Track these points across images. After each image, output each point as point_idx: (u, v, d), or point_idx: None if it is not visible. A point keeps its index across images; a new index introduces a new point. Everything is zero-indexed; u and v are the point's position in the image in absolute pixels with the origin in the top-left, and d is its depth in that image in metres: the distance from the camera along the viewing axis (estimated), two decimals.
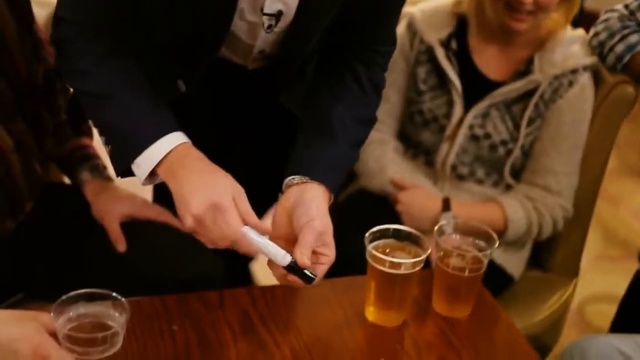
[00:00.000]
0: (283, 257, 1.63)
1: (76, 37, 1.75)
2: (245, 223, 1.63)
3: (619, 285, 2.56)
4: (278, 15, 1.81)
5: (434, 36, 2.45)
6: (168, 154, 1.68)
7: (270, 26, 1.83)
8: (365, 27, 1.88)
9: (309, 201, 1.71)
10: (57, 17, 1.77)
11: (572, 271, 2.69)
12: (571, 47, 2.41)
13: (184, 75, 1.93)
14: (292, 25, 1.83)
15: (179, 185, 1.66)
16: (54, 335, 1.50)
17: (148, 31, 1.85)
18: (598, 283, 3.61)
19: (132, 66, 1.77)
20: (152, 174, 1.70)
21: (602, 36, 2.45)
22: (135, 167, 1.71)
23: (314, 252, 1.67)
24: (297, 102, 2.03)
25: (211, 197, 1.61)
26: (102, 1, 1.75)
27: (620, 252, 3.96)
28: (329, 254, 1.68)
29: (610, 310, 2.56)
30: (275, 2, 1.78)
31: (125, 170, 1.74)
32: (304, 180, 1.75)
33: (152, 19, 1.83)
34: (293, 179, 1.76)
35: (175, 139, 1.69)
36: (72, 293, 1.55)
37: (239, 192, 1.65)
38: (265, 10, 1.79)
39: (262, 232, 1.66)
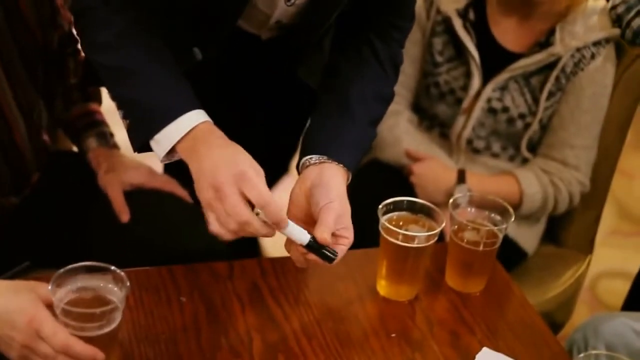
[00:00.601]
0: (303, 235, 1.61)
1: (98, 7, 1.72)
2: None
3: (632, 262, 2.54)
4: None
5: (452, 6, 2.41)
6: (189, 132, 1.65)
7: None
8: (385, 1, 1.86)
9: (328, 182, 1.70)
10: None
11: (587, 247, 2.67)
12: (593, 18, 2.37)
13: (201, 43, 1.92)
14: None
15: (199, 161, 1.62)
16: (51, 306, 1.48)
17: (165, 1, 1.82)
18: (610, 259, 3.59)
19: (154, 41, 1.74)
20: (171, 150, 1.67)
21: (620, 9, 2.42)
22: (154, 143, 1.69)
23: (333, 234, 1.65)
24: (313, 75, 2.03)
25: (235, 168, 1.56)
26: None
27: (634, 228, 3.94)
28: (348, 236, 1.67)
29: (622, 287, 2.55)
30: None
31: (143, 146, 1.72)
32: (322, 160, 1.74)
33: None
34: (310, 158, 1.75)
35: (197, 117, 1.66)
36: (71, 266, 1.52)
37: (260, 171, 1.61)
38: None
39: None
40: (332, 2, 1.82)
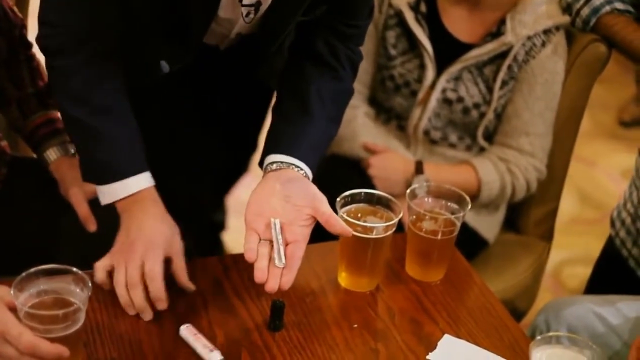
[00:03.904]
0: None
1: (64, 51, 1.78)
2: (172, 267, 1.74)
3: (594, 248, 2.56)
4: (257, 5, 1.83)
5: None
6: (132, 194, 1.77)
7: (249, 14, 1.85)
8: (343, 3, 1.88)
9: (300, 179, 1.78)
10: (41, 20, 1.79)
11: (547, 234, 2.70)
12: (542, 6, 2.40)
13: (169, 57, 1.95)
14: (268, 10, 1.85)
15: (129, 222, 1.76)
16: (14, 310, 1.48)
17: (134, 17, 1.85)
18: (573, 246, 3.63)
19: (117, 92, 1.81)
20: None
21: None
22: (100, 190, 1.81)
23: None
24: (274, 76, 2.05)
25: (128, 239, 1.72)
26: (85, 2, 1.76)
27: (595, 215, 3.98)
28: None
29: (585, 273, 2.57)
30: None
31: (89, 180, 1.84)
32: (282, 167, 1.80)
33: (137, 6, 1.84)
34: (272, 163, 1.81)
35: (142, 182, 1.78)
36: (32, 269, 1.53)
37: (174, 244, 1.74)
38: (245, 2, 1.81)
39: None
40: (286, 14, 1.85)
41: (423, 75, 2.43)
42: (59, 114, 2.22)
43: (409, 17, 2.41)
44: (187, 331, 1.67)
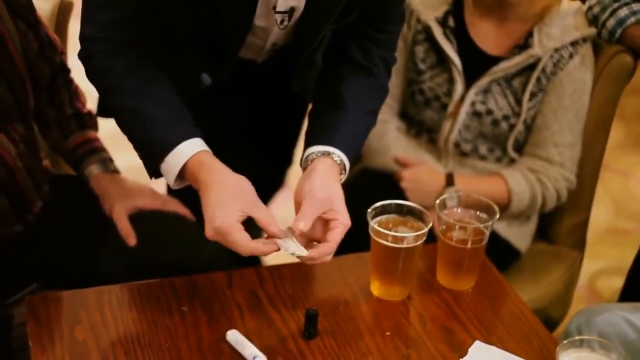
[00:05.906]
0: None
1: (99, 54, 1.81)
2: (266, 232, 1.70)
3: (629, 259, 2.56)
4: (290, 11, 1.86)
5: (431, 15, 2.45)
6: (187, 163, 1.74)
7: (282, 21, 1.88)
8: (374, 10, 1.92)
9: (314, 173, 1.78)
10: (82, 37, 1.83)
11: (579, 243, 2.70)
12: (569, 19, 2.41)
13: (209, 69, 1.99)
14: (302, 17, 1.88)
15: (202, 196, 1.72)
16: None
17: (172, 33, 1.91)
18: (608, 256, 3.62)
19: (153, 74, 1.82)
20: (182, 176, 1.76)
21: (595, 10, 2.46)
22: (163, 172, 1.78)
23: (325, 221, 1.74)
24: (308, 88, 2.09)
25: (214, 223, 1.67)
26: (122, 15, 1.80)
27: (631, 225, 3.97)
28: (339, 218, 1.73)
29: (620, 284, 2.58)
30: None
31: (157, 173, 1.81)
32: (315, 157, 1.82)
33: (174, 21, 1.90)
34: (310, 155, 1.84)
35: (192, 148, 1.75)
36: None
37: (252, 204, 1.70)
38: (278, 9, 1.84)
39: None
40: (321, 19, 1.88)
41: (452, 88, 2.45)
42: (97, 134, 2.28)
43: (437, 32, 2.43)
44: (233, 335, 1.72)
